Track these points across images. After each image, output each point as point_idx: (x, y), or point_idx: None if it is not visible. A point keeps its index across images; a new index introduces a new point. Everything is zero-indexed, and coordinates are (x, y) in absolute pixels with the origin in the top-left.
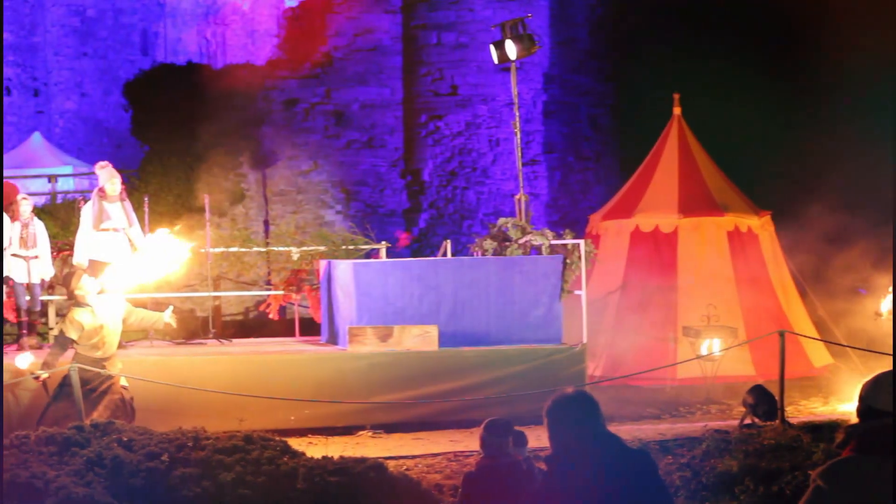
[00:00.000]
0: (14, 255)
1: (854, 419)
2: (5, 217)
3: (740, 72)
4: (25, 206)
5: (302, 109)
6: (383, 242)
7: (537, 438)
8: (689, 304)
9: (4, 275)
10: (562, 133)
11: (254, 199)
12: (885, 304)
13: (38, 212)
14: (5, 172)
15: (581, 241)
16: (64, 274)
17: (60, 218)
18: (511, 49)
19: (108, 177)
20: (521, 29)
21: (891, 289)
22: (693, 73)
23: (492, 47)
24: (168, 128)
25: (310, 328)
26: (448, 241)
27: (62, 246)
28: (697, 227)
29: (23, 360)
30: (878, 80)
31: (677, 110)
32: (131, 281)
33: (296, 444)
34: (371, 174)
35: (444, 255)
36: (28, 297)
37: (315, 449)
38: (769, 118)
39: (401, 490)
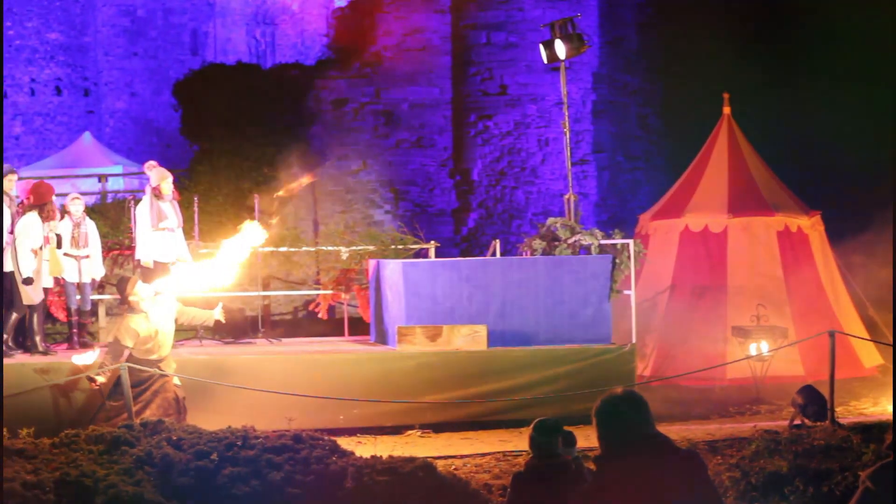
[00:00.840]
0: (66, 254)
1: None
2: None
3: (790, 70)
4: (77, 205)
5: (351, 109)
6: (432, 242)
7: (586, 438)
8: (739, 304)
9: (57, 274)
10: (611, 133)
11: (303, 198)
12: None
13: (89, 211)
14: (56, 171)
15: (630, 241)
16: (117, 280)
17: (111, 217)
18: (560, 48)
19: (162, 176)
20: (570, 28)
21: None
22: (742, 71)
23: (541, 47)
24: (217, 127)
25: (359, 328)
26: (497, 240)
27: (112, 245)
28: (747, 226)
29: (83, 358)
30: None
31: (727, 110)
32: (193, 284)
33: (344, 443)
34: (420, 174)
35: (493, 254)
36: (79, 297)
37: (364, 448)
38: (819, 117)
39: (449, 490)
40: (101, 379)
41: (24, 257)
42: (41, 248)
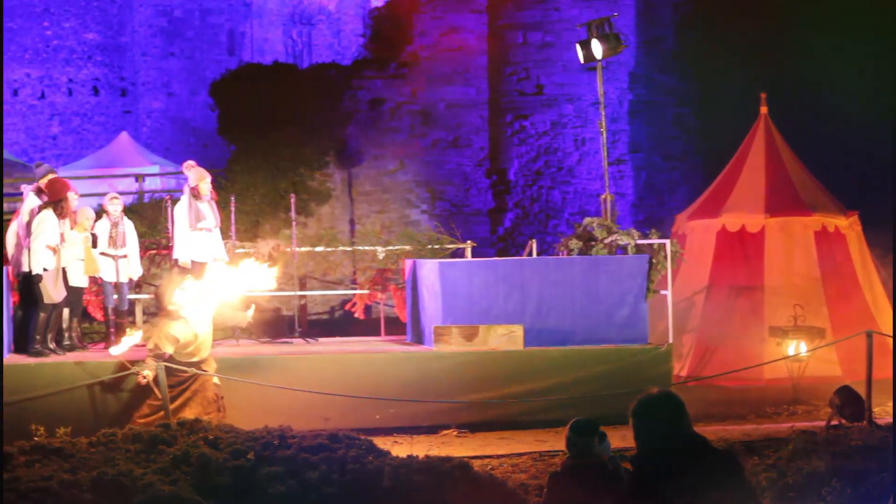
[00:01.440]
0: (103, 253)
1: None
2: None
3: (827, 70)
4: (116, 205)
5: (388, 109)
6: (469, 242)
7: (623, 438)
8: (776, 305)
9: (93, 273)
10: (647, 132)
11: (339, 198)
12: None
13: (126, 211)
14: (94, 171)
15: (667, 241)
16: (155, 287)
17: (147, 217)
18: (597, 48)
19: (200, 177)
20: (607, 28)
21: None
22: (780, 71)
23: (578, 46)
24: (254, 127)
25: (395, 327)
26: (533, 240)
27: (149, 245)
28: (784, 226)
29: (119, 348)
30: None
31: (764, 109)
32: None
33: (381, 442)
34: (457, 173)
35: (530, 254)
36: (116, 296)
37: (400, 448)
38: (856, 117)
39: (486, 489)
40: (149, 373)
41: (37, 254)
42: (59, 246)
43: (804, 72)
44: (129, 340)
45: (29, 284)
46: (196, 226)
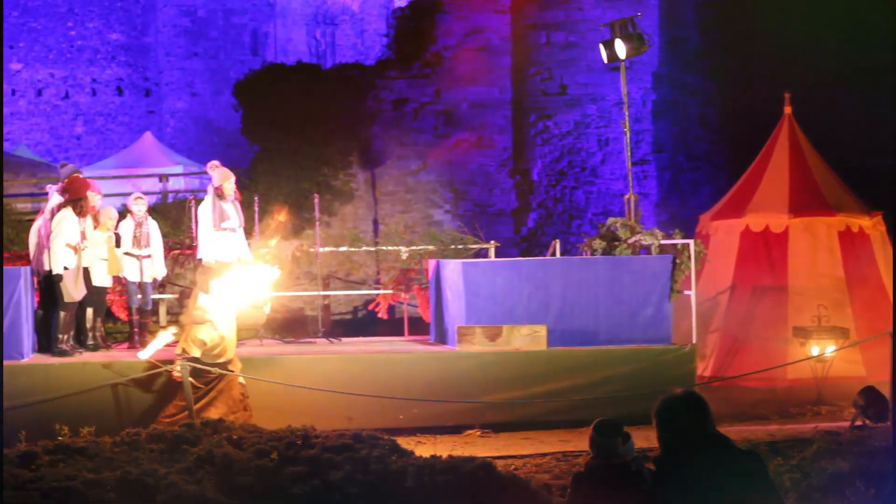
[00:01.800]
0: (127, 253)
1: None
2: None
3: (851, 69)
4: (140, 205)
5: (411, 109)
6: (492, 242)
7: (646, 439)
8: (800, 305)
9: (116, 273)
10: (671, 132)
11: (363, 198)
12: None
13: (150, 211)
14: (118, 171)
15: (691, 241)
16: (179, 293)
17: (171, 217)
18: (621, 48)
19: (224, 177)
20: (630, 28)
21: None
22: (803, 70)
23: (601, 46)
24: (278, 127)
25: (418, 327)
26: (557, 240)
27: (173, 245)
28: (808, 227)
29: (147, 352)
30: None
31: (788, 109)
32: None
33: (404, 442)
34: (480, 173)
35: (553, 254)
36: (140, 296)
37: (423, 448)
38: (881, 116)
39: (509, 489)
40: (183, 368)
41: (57, 253)
42: (79, 244)
43: (828, 70)
44: (159, 342)
45: (50, 284)
46: (220, 226)
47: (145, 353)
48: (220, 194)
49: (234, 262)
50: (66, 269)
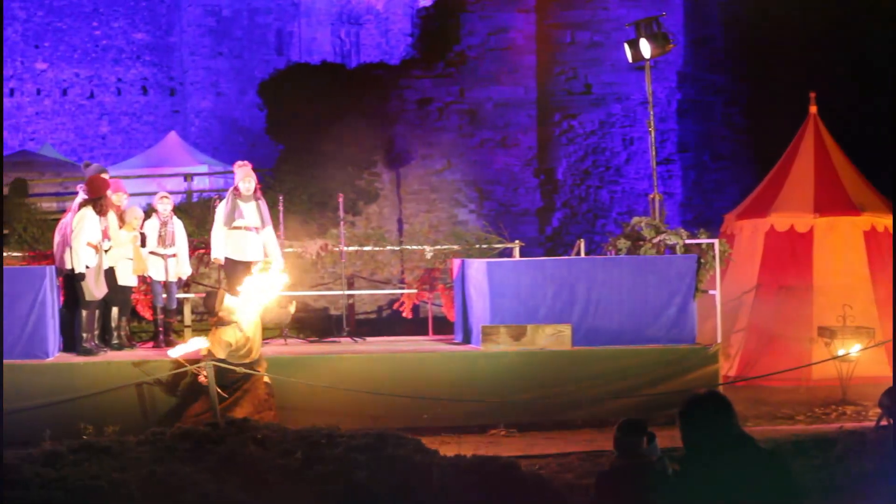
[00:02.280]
0: (152, 252)
1: None
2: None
3: (877, 67)
4: (165, 204)
5: (436, 108)
6: (517, 241)
7: (671, 439)
8: (825, 305)
9: (141, 273)
10: (696, 132)
11: (387, 197)
12: None
13: (175, 210)
14: (143, 171)
15: (715, 241)
16: (204, 295)
17: (196, 216)
18: (645, 48)
19: (243, 176)
20: (655, 27)
21: None
22: (829, 70)
23: (626, 46)
24: (302, 127)
25: (443, 327)
26: (581, 240)
27: (197, 244)
28: (833, 226)
29: (178, 350)
30: None
31: (813, 109)
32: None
33: (429, 442)
34: (505, 173)
35: (578, 254)
36: (165, 295)
37: (448, 447)
38: None
39: (533, 489)
40: (210, 370)
41: (78, 252)
42: (99, 243)
43: (853, 70)
44: (191, 345)
45: (72, 283)
46: (232, 224)
47: (175, 352)
48: (237, 193)
49: (251, 261)
50: (87, 267)
